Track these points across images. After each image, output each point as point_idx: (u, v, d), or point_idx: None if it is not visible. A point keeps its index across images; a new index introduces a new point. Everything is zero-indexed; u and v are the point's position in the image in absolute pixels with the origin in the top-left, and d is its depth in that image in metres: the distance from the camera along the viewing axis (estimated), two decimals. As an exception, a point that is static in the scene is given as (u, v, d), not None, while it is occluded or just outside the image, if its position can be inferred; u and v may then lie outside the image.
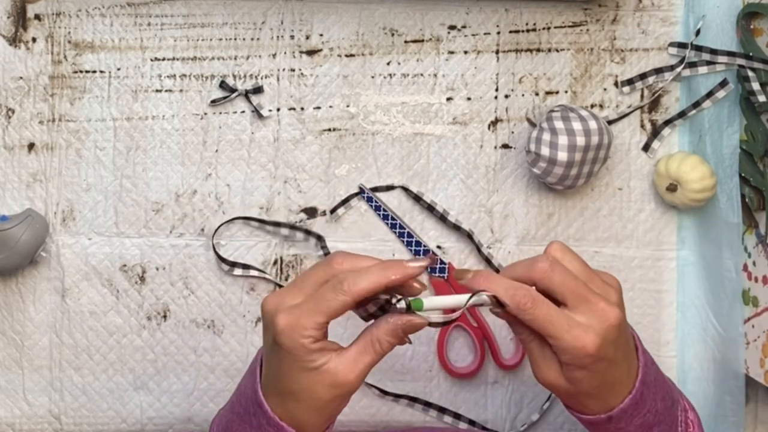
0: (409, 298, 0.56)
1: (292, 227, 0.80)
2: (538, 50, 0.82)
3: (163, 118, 0.81)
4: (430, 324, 0.57)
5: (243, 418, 0.60)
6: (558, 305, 0.57)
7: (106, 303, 0.81)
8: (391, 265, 0.56)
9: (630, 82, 0.82)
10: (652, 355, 0.82)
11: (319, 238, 0.81)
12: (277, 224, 0.81)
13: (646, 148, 0.82)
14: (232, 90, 0.81)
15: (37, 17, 0.81)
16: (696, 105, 0.80)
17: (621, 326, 0.57)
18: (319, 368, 0.55)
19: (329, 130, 0.82)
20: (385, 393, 0.81)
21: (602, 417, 0.59)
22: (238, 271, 0.80)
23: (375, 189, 0.82)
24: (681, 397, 0.65)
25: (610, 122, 0.82)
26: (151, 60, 0.81)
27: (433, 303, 0.56)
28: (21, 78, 0.81)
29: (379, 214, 0.82)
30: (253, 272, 0.80)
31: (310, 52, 0.82)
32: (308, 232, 0.80)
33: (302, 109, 0.82)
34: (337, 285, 0.55)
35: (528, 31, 0.82)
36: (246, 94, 0.81)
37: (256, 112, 0.81)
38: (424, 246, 0.81)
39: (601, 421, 0.59)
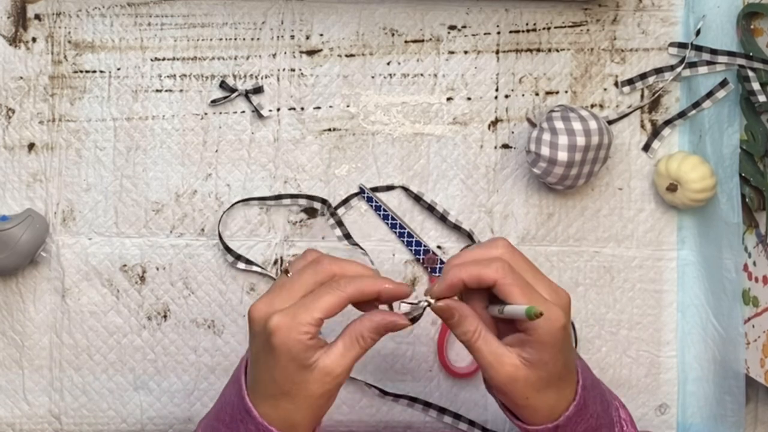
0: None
1: (293, 196, 0.80)
2: (538, 50, 0.82)
3: (163, 118, 0.81)
4: (412, 319, 0.59)
5: (230, 426, 0.59)
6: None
7: (106, 303, 0.81)
8: (384, 281, 0.58)
9: (630, 82, 0.82)
10: (652, 355, 0.82)
11: (324, 202, 0.80)
12: (279, 197, 0.80)
13: (646, 148, 0.82)
14: (232, 90, 0.81)
15: (37, 17, 0.81)
16: (696, 105, 0.80)
17: (570, 306, 0.59)
18: (312, 365, 0.56)
19: (329, 130, 0.82)
20: (385, 393, 0.81)
21: (549, 426, 0.58)
22: (241, 265, 0.80)
23: (375, 189, 0.82)
24: (612, 397, 0.66)
25: (610, 122, 0.82)
26: (151, 60, 0.81)
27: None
28: (21, 78, 0.81)
29: (379, 214, 0.82)
30: (255, 268, 0.80)
31: (310, 52, 0.82)
32: (310, 197, 0.80)
33: (302, 109, 0.82)
34: (333, 284, 0.57)
35: (528, 31, 0.82)
36: (246, 94, 0.81)
37: (256, 112, 0.81)
38: (424, 246, 0.81)
39: (548, 430, 0.58)
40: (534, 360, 0.56)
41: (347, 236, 0.81)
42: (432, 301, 0.58)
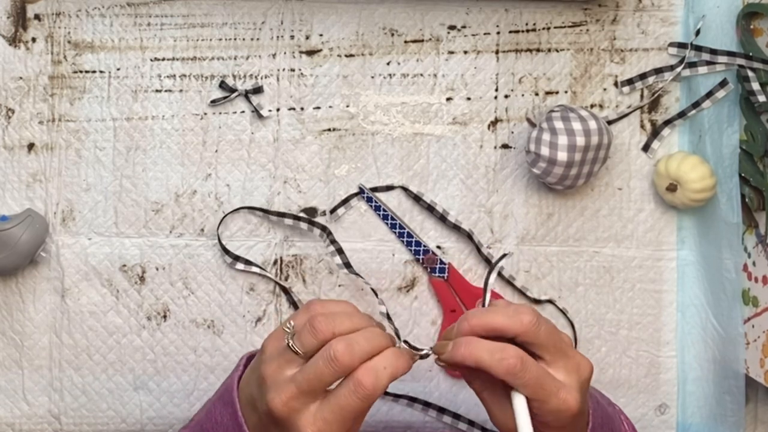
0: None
1: (296, 218, 0.80)
2: (538, 50, 0.82)
3: (163, 118, 0.81)
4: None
5: None
6: (534, 358, 0.55)
7: (106, 303, 0.81)
8: (400, 354, 0.55)
9: (630, 82, 0.82)
10: (652, 355, 0.82)
11: (324, 229, 0.80)
12: (281, 215, 0.80)
13: (646, 148, 0.82)
14: (232, 90, 0.81)
15: (37, 17, 0.81)
16: (696, 105, 0.80)
17: (588, 385, 0.57)
18: None
19: (329, 130, 0.82)
20: (385, 393, 0.81)
21: None
22: (240, 266, 0.80)
23: (375, 189, 0.82)
24: (615, 413, 0.65)
25: (610, 122, 0.82)
26: (151, 60, 0.81)
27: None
28: (21, 78, 0.81)
29: (379, 214, 0.82)
30: (254, 269, 0.80)
31: (310, 52, 0.82)
32: (311, 222, 0.80)
33: (302, 109, 0.82)
34: (359, 391, 0.53)
35: (528, 31, 0.82)
36: (246, 94, 0.81)
37: (256, 112, 0.81)
38: (424, 246, 0.81)
39: None
40: (541, 423, 0.55)
41: (347, 265, 0.80)
42: (433, 354, 0.58)
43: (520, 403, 0.54)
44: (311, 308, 0.57)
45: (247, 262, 0.81)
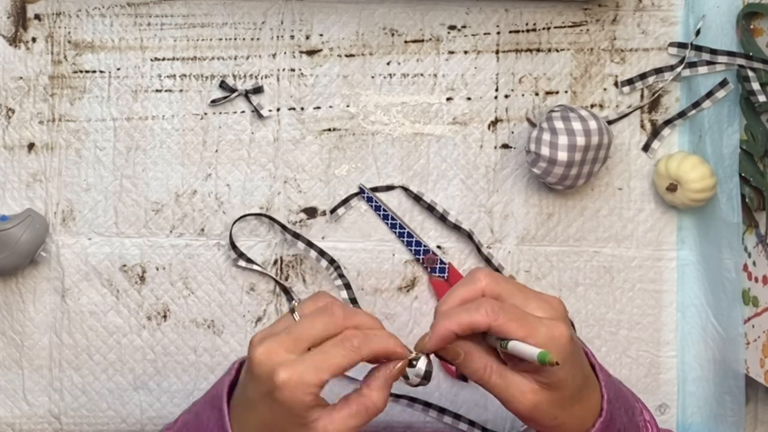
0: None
1: (309, 244, 0.80)
2: (538, 50, 0.82)
3: (163, 118, 0.81)
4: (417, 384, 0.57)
5: None
6: None
7: (106, 303, 0.81)
8: (393, 341, 0.56)
9: (630, 82, 0.82)
10: (652, 355, 0.82)
11: (332, 262, 0.80)
12: (297, 236, 0.80)
13: (646, 148, 0.82)
14: (232, 90, 0.81)
15: (37, 17, 0.81)
16: (696, 105, 0.80)
17: (568, 315, 0.57)
18: (310, 424, 0.54)
19: (329, 130, 0.82)
20: (385, 393, 0.81)
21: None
22: (242, 263, 0.80)
23: (375, 189, 0.82)
24: (635, 399, 0.64)
25: (610, 122, 0.82)
26: (151, 60, 0.81)
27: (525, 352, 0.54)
28: (21, 78, 0.81)
29: (379, 214, 0.82)
30: (256, 267, 0.80)
31: (310, 52, 0.82)
32: (322, 253, 0.80)
33: (302, 109, 0.82)
34: (347, 343, 0.54)
35: (528, 31, 0.82)
36: (246, 94, 0.81)
37: (256, 112, 0.81)
38: (424, 246, 0.81)
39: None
40: (552, 381, 0.54)
41: (353, 301, 0.80)
42: (423, 355, 0.56)
43: (515, 343, 0.54)
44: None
45: (249, 261, 0.81)
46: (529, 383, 0.55)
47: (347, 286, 0.80)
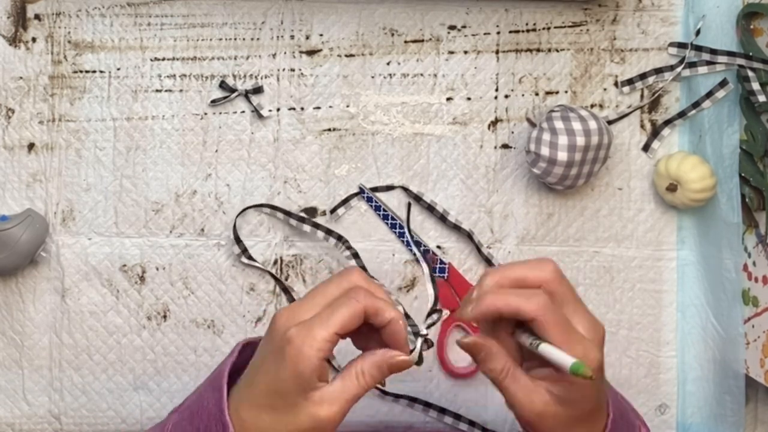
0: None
1: (315, 225, 0.80)
2: (538, 50, 0.82)
3: (163, 118, 0.81)
4: (418, 362, 0.57)
5: None
6: None
7: (106, 303, 0.81)
8: (391, 310, 0.55)
9: (630, 82, 0.82)
10: (652, 355, 0.82)
11: (340, 238, 0.80)
12: (301, 219, 0.80)
13: (646, 148, 0.82)
14: (232, 90, 0.81)
15: (37, 17, 0.81)
16: (696, 105, 0.80)
17: (604, 344, 0.56)
18: (310, 394, 0.54)
19: (329, 130, 0.82)
20: (385, 393, 0.81)
21: None
22: (244, 259, 0.80)
23: (375, 189, 0.82)
24: (635, 417, 0.64)
25: (610, 122, 0.82)
26: (151, 60, 0.81)
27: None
28: (21, 78, 0.81)
29: (379, 214, 0.82)
30: (257, 264, 0.80)
31: (310, 52, 0.82)
32: (329, 231, 0.80)
33: (302, 109, 0.82)
34: (351, 295, 0.54)
35: (528, 31, 0.82)
36: (246, 94, 0.81)
37: (256, 112, 0.81)
38: (424, 246, 0.81)
39: None
40: (565, 398, 0.54)
41: (363, 269, 0.80)
42: (426, 332, 0.56)
43: (548, 346, 0.52)
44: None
45: (251, 258, 0.81)
46: (541, 392, 0.54)
47: (355, 255, 0.80)
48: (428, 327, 0.63)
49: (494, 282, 0.55)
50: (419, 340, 0.57)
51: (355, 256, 0.80)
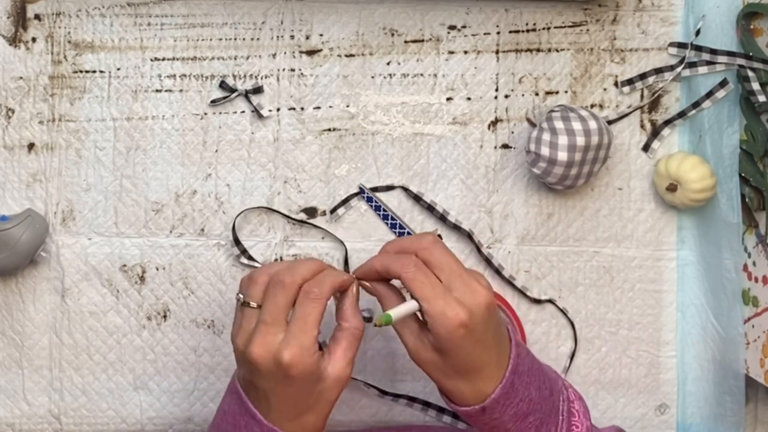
0: (379, 315, 0.62)
1: (314, 226, 0.81)
2: (538, 50, 0.82)
3: (163, 118, 0.81)
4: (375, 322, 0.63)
5: None
6: None
7: (106, 303, 0.81)
8: (337, 272, 0.64)
9: (630, 82, 0.82)
10: (652, 355, 0.82)
11: (342, 243, 0.81)
12: (304, 222, 0.80)
13: (646, 148, 0.82)
14: (232, 90, 0.81)
15: (37, 17, 0.81)
16: (696, 105, 0.80)
17: (490, 308, 0.62)
18: (323, 374, 0.61)
19: (329, 130, 0.82)
20: (384, 393, 0.81)
21: (476, 408, 0.63)
22: (243, 260, 0.80)
23: (375, 189, 0.82)
24: (565, 388, 0.68)
25: (610, 122, 0.82)
26: (151, 60, 0.81)
27: (396, 312, 0.62)
28: (21, 78, 0.81)
29: (379, 214, 0.82)
30: (256, 264, 0.80)
31: (310, 52, 0.82)
32: (330, 233, 0.80)
33: (302, 109, 0.82)
34: (310, 296, 0.62)
35: (528, 31, 0.82)
36: (246, 94, 0.81)
37: (256, 112, 0.81)
38: (424, 246, 0.81)
39: (476, 412, 0.63)
40: (439, 347, 0.62)
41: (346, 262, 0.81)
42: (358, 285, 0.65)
43: (410, 302, 0.62)
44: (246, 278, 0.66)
45: (251, 258, 0.81)
46: (423, 339, 0.63)
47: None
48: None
49: (382, 249, 0.66)
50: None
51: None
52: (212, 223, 0.81)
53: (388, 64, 0.82)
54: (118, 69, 0.81)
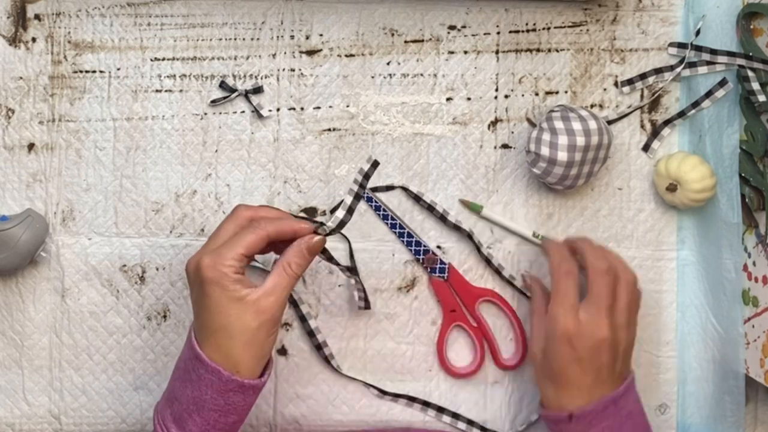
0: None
1: (331, 263, 0.80)
2: (538, 50, 0.82)
3: (163, 118, 0.81)
4: (328, 233, 0.66)
5: (184, 378, 0.66)
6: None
7: (106, 303, 0.81)
8: (296, 221, 0.67)
9: (630, 82, 0.82)
10: (652, 355, 0.82)
11: (350, 270, 0.80)
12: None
13: (646, 148, 0.82)
14: (232, 90, 0.81)
15: (37, 17, 0.81)
16: (696, 105, 0.80)
17: (601, 344, 0.68)
18: (244, 299, 0.63)
19: (329, 130, 0.82)
20: (384, 393, 0.81)
21: (563, 415, 0.69)
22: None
23: (375, 189, 0.82)
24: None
25: (610, 122, 0.82)
26: (151, 60, 0.81)
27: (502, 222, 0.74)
28: (21, 78, 0.81)
29: (379, 214, 0.82)
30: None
31: (310, 52, 0.82)
32: (349, 269, 0.80)
33: (302, 109, 0.82)
34: (254, 224, 0.65)
35: (528, 31, 0.82)
36: (246, 94, 0.81)
37: (256, 112, 0.81)
38: (424, 246, 0.81)
39: (563, 419, 0.69)
40: (546, 349, 0.70)
41: (353, 269, 0.81)
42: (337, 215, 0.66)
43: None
44: None
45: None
46: (542, 337, 0.71)
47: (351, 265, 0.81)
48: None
49: (567, 241, 0.77)
50: (332, 217, 0.66)
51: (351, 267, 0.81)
52: (212, 223, 0.81)
53: (388, 64, 0.82)
54: (118, 69, 0.81)
